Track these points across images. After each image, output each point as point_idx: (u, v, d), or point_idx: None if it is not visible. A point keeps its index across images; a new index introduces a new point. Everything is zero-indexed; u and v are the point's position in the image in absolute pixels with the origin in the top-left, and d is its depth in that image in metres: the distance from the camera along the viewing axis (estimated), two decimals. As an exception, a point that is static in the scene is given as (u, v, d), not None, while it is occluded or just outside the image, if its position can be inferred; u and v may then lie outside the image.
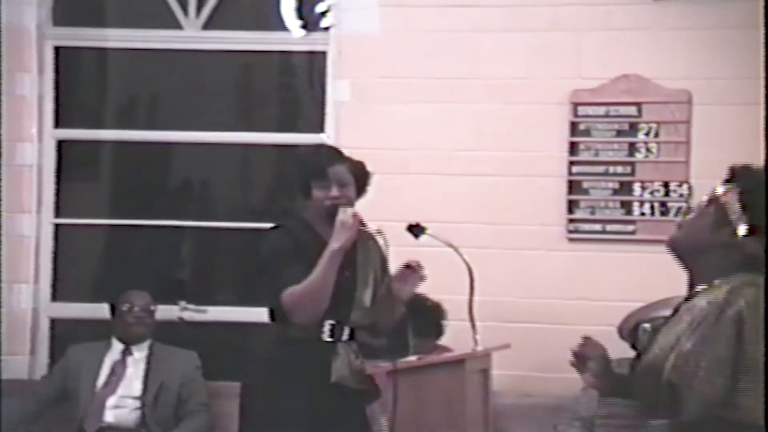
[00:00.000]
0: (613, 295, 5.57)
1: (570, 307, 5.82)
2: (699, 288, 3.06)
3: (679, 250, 3.13)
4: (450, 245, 5.11)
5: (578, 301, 5.81)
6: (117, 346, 5.74)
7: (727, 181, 3.10)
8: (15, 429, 5.51)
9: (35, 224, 6.24)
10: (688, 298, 3.11)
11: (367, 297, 4.27)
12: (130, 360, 5.72)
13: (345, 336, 4.20)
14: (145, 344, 5.76)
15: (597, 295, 5.71)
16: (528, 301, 5.86)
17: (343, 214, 4.10)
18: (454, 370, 4.48)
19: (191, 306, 6.14)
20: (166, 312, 6.16)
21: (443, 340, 5.53)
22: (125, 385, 5.64)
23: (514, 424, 5.67)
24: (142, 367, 5.71)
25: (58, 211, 6.30)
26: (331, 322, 4.17)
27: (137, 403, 5.59)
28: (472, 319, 4.88)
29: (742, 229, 3.00)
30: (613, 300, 5.45)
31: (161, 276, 6.32)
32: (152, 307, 5.78)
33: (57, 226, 6.30)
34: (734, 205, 3.02)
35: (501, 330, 5.63)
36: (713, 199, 3.07)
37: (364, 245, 4.29)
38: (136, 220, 6.28)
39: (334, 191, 4.22)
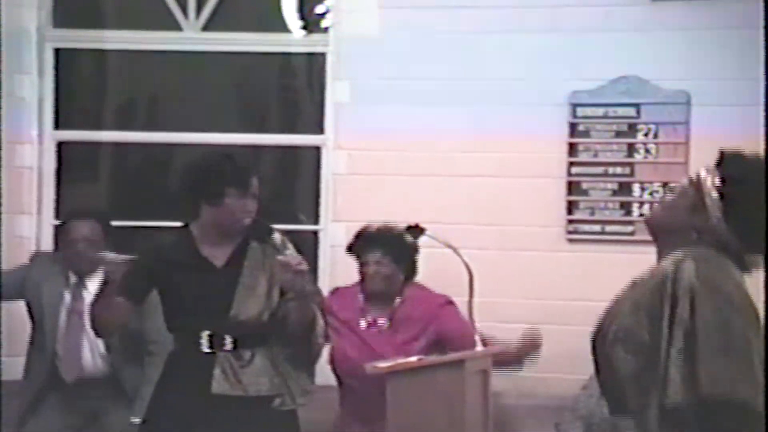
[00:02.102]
0: (612, 296, 5.56)
1: (569, 307, 5.82)
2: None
3: (655, 227, 3.15)
4: (449, 246, 5.12)
5: (578, 302, 5.81)
6: (72, 278, 5.37)
7: (716, 164, 3.09)
8: None
9: (35, 226, 6.24)
10: None
11: (253, 299, 4.13)
12: (85, 294, 5.32)
13: (228, 345, 4.10)
14: (99, 274, 5.28)
15: (597, 295, 5.62)
16: (527, 302, 5.87)
17: (288, 258, 4.03)
18: (454, 370, 4.48)
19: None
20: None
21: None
22: (89, 328, 5.34)
23: (514, 425, 5.67)
24: None
25: (58, 213, 6.30)
26: (209, 332, 4.09)
27: (105, 350, 5.31)
28: (471, 320, 4.88)
29: (716, 216, 2.99)
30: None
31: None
32: (94, 236, 5.32)
33: (57, 227, 6.29)
34: (713, 191, 3.01)
35: (501, 331, 5.65)
36: (694, 182, 3.07)
37: (258, 247, 4.18)
38: (136, 222, 6.28)
39: (250, 203, 4.13)
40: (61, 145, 6.38)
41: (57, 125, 6.39)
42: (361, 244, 4.96)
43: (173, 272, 4.13)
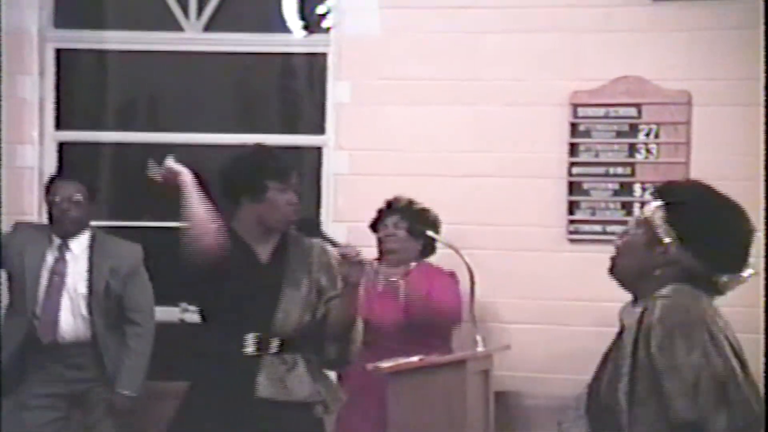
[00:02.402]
0: (613, 296, 5.55)
1: (571, 308, 5.82)
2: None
3: (620, 275, 3.14)
4: (451, 246, 5.14)
5: (579, 302, 5.82)
6: (55, 240, 5.37)
7: (655, 199, 3.09)
8: None
9: (36, 226, 6.23)
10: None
11: (296, 301, 4.06)
12: (69, 256, 5.36)
13: (274, 348, 4.01)
14: (84, 236, 5.40)
15: (598, 296, 5.68)
16: (528, 302, 5.87)
17: (347, 249, 3.97)
18: (456, 370, 4.49)
19: (192, 307, 6.13)
20: (167, 314, 6.16)
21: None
22: (70, 287, 5.33)
23: (515, 425, 5.68)
24: (84, 266, 5.36)
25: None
26: (255, 333, 3.99)
27: (86, 313, 5.30)
28: (473, 320, 4.90)
29: (673, 245, 2.98)
30: (614, 301, 5.43)
31: (162, 277, 6.31)
32: (77, 197, 5.34)
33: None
34: (661, 223, 3.00)
35: (502, 331, 5.65)
36: (642, 220, 3.07)
37: (301, 249, 4.12)
38: (137, 222, 6.28)
39: (294, 198, 4.08)
40: (62, 146, 6.38)
41: (58, 126, 6.39)
42: (384, 214, 5.26)
43: (222, 268, 3.97)
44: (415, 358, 4.59)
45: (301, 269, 4.09)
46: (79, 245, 5.39)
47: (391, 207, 5.34)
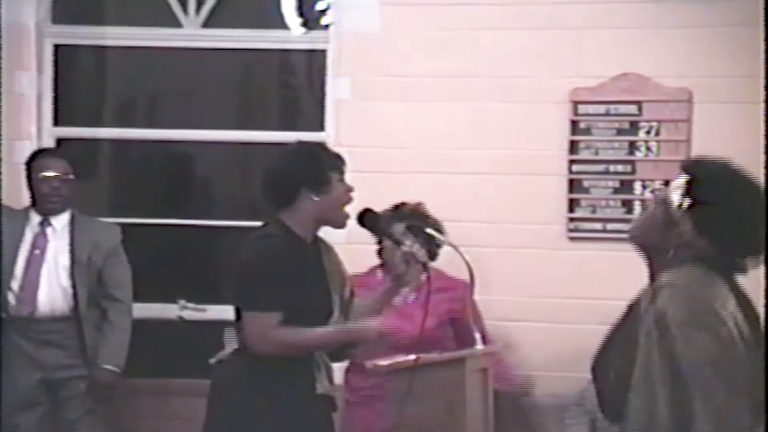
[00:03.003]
0: (613, 295, 5.53)
1: (570, 306, 5.81)
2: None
3: (637, 245, 3.12)
4: (450, 244, 5.11)
5: (579, 300, 5.80)
6: (35, 218, 5.41)
7: (680, 176, 3.06)
8: None
9: (34, 222, 6.22)
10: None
11: (337, 306, 4.11)
12: (50, 231, 5.40)
13: None
14: (65, 215, 5.44)
15: (598, 294, 5.69)
16: (528, 300, 5.86)
17: (414, 249, 4.01)
18: (455, 368, 4.47)
19: (191, 305, 6.13)
20: (165, 311, 6.15)
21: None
22: (50, 260, 5.35)
23: (514, 423, 5.66)
24: (65, 240, 5.39)
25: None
26: None
27: (68, 285, 5.33)
28: (472, 318, 4.87)
29: (688, 228, 2.96)
30: (614, 299, 5.40)
31: (160, 274, 6.31)
32: (69, 175, 5.41)
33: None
34: (678, 204, 2.98)
35: (501, 329, 5.63)
36: (663, 198, 3.05)
37: (326, 249, 4.15)
38: (136, 219, 6.26)
39: (353, 189, 4.10)
40: (60, 142, 6.36)
41: (56, 122, 6.38)
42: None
43: (293, 270, 3.95)
44: (412, 357, 4.56)
45: (336, 270, 4.16)
46: (60, 222, 5.43)
47: (396, 213, 5.21)
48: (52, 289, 5.31)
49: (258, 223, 4.24)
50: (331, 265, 4.14)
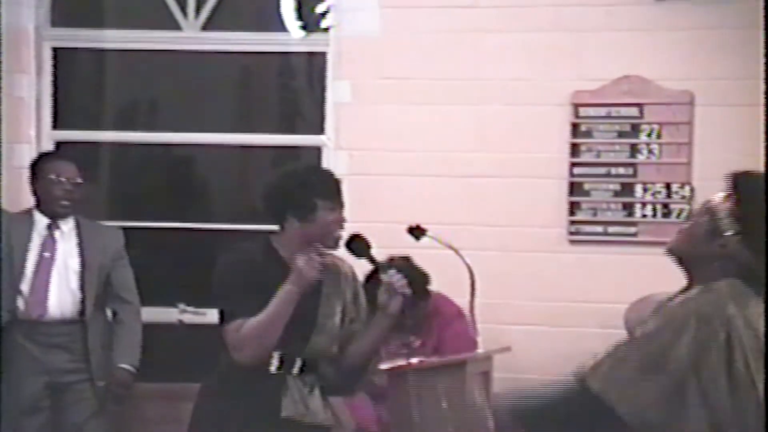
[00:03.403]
0: (614, 297, 5.54)
1: (571, 309, 5.80)
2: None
3: (678, 256, 3.08)
4: (451, 247, 5.10)
5: (580, 304, 5.79)
6: (41, 220, 5.36)
7: (727, 188, 3.04)
8: None
9: (33, 226, 6.20)
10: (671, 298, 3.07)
11: (329, 328, 3.99)
12: (58, 234, 5.35)
13: (296, 369, 3.94)
14: (70, 218, 5.39)
15: (598, 297, 5.68)
16: (529, 304, 5.84)
17: (305, 260, 3.84)
18: (456, 372, 4.46)
19: (190, 308, 6.11)
20: (165, 314, 6.13)
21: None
22: (60, 263, 5.31)
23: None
24: (73, 242, 5.37)
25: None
26: (280, 353, 3.92)
27: (77, 288, 5.30)
28: (473, 321, 4.86)
29: (733, 240, 2.94)
30: (615, 302, 5.42)
31: (160, 278, 6.29)
32: (79, 179, 5.37)
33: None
34: (727, 215, 2.95)
35: (502, 332, 5.62)
36: (708, 208, 3.02)
37: (334, 275, 4.04)
38: (135, 222, 6.25)
39: (342, 218, 4.00)
40: (59, 145, 6.35)
41: (55, 125, 6.37)
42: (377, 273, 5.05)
43: (264, 285, 3.88)
44: (414, 360, 4.55)
45: (337, 295, 4.03)
46: (67, 225, 5.41)
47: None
48: (62, 293, 5.31)
49: (257, 227, 4.24)
50: (333, 288, 4.04)
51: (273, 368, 3.92)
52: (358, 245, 4.03)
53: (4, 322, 5.23)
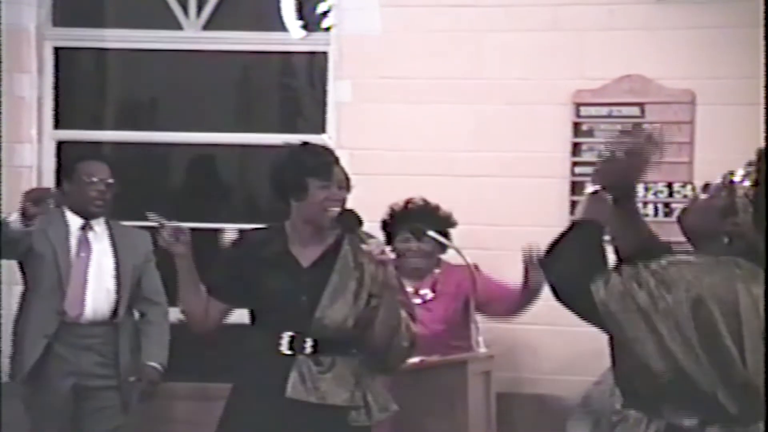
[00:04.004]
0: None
1: (573, 308, 5.78)
2: None
3: (687, 227, 3.07)
4: (452, 246, 5.10)
5: (581, 303, 5.77)
6: (75, 221, 5.37)
7: (749, 164, 3.00)
8: None
9: (35, 225, 6.20)
10: None
11: (340, 306, 4.00)
12: (91, 235, 5.37)
13: (308, 348, 3.97)
14: (101, 219, 5.42)
15: (600, 296, 5.66)
16: (530, 303, 5.83)
17: (370, 246, 3.93)
18: (457, 371, 4.46)
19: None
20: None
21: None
22: (94, 263, 5.33)
23: (515, 426, 5.64)
24: (106, 243, 5.39)
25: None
26: (290, 333, 3.97)
27: (112, 289, 5.32)
28: (474, 321, 4.86)
29: (748, 220, 2.92)
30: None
31: (162, 278, 6.28)
32: (110, 179, 5.39)
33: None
34: (743, 193, 2.93)
35: (503, 332, 5.61)
36: (727, 183, 2.99)
37: (356, 252, 4.04)
38: (136, 222, 6.23)
39: (337, 192, 4.04)
40: (60, 145, 6.35)
41: (57, 124, 6.37)
42: (395, 221, 5.07)
43: (261, 270, 4.02)
44: (416, 359, 4.55)
45: (350, 274, 4.03)
46: (99, 226, 5.43)
47: (407, 210, 5.21)
48: (98, 294, 5.31)
49: (257, 226, 4.31)
50: (345, 265, 4.04)
51: (284, 348, 3.96)
52: (347, 220, 4.04)
53: (53, 329, 5.24)
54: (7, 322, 5.57)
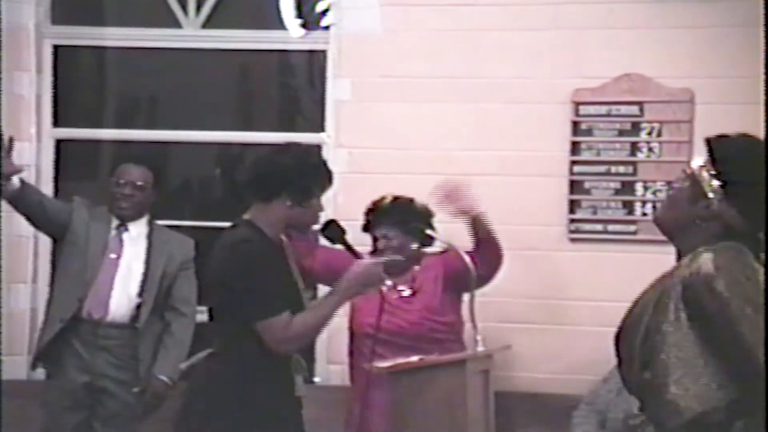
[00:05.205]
0: (614, 296, 5.52)
1: (571, 307, 5.79)
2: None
3: (663, 225, 3.13)
4: (450, 245, 5.09)
5: (580, 302, 5.79)
6: (114, 221, 5.40)
7: (706, 151, 3.07)
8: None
9: (33, 224, 6.20)
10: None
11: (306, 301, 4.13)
12: (126, 237, 5.39)
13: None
14: (142, 221, 5.43)
15: (599, 295, 5.68)
16: (529, 302, 5.84)
17: (367, 266, 3.99)
18: (456, 370, 4.46)
19: (200, 307, 6.10)
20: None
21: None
22: (123, 266, 5.34)
23: (514, 426, 5.64)
24: (141, 247, 5.39)
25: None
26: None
27: (135, 293, 5.32)
28: (473, 320, 4.86)
29: (716, 201, 2.97)
30: (615, 300, 5.39)
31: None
32: (141, 182, 5.37)
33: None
34: (707, 177, 2.99)
35: (502, 331, 5.61)
36: (689, 173, 3.06)
37: (291, 251, 4.13)
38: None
39: (323, 204, 4.10)
40: (59, 143, 6.35)
41: (56, 123, 6.37)
42: (371, 219, 5.14)
43: (271, 269, 3.94)
44: (414, 358, 4.55)
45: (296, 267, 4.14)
46: (137, 229, 5.43)
47: (377, 213, 5.20)
48: (121, 296, 5.31)
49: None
50: (294, 263, 4.13)
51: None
52: (333, 231, 4.11)
53: (70, 315, 5.25)
54: (7, 321, 5.58)
